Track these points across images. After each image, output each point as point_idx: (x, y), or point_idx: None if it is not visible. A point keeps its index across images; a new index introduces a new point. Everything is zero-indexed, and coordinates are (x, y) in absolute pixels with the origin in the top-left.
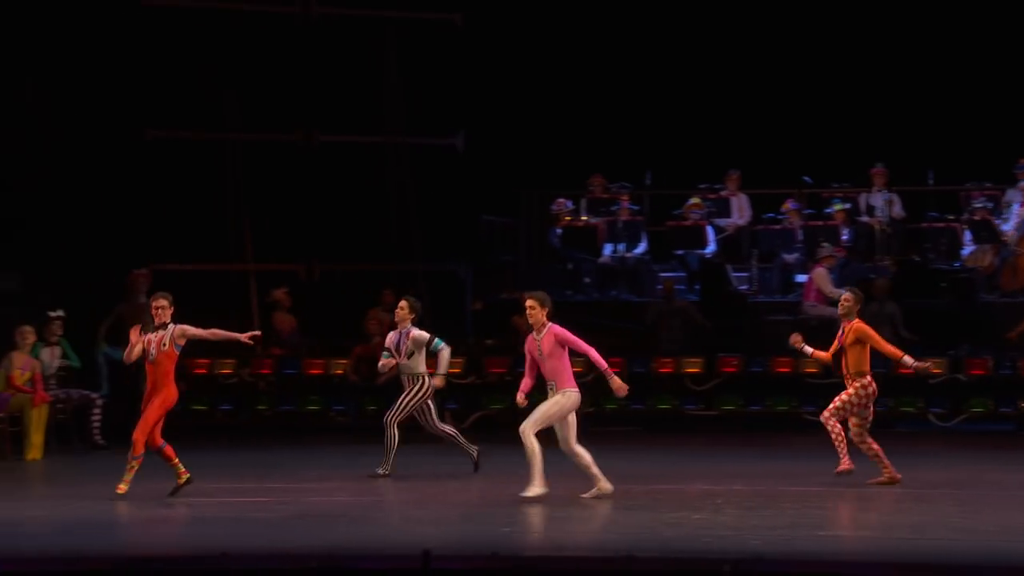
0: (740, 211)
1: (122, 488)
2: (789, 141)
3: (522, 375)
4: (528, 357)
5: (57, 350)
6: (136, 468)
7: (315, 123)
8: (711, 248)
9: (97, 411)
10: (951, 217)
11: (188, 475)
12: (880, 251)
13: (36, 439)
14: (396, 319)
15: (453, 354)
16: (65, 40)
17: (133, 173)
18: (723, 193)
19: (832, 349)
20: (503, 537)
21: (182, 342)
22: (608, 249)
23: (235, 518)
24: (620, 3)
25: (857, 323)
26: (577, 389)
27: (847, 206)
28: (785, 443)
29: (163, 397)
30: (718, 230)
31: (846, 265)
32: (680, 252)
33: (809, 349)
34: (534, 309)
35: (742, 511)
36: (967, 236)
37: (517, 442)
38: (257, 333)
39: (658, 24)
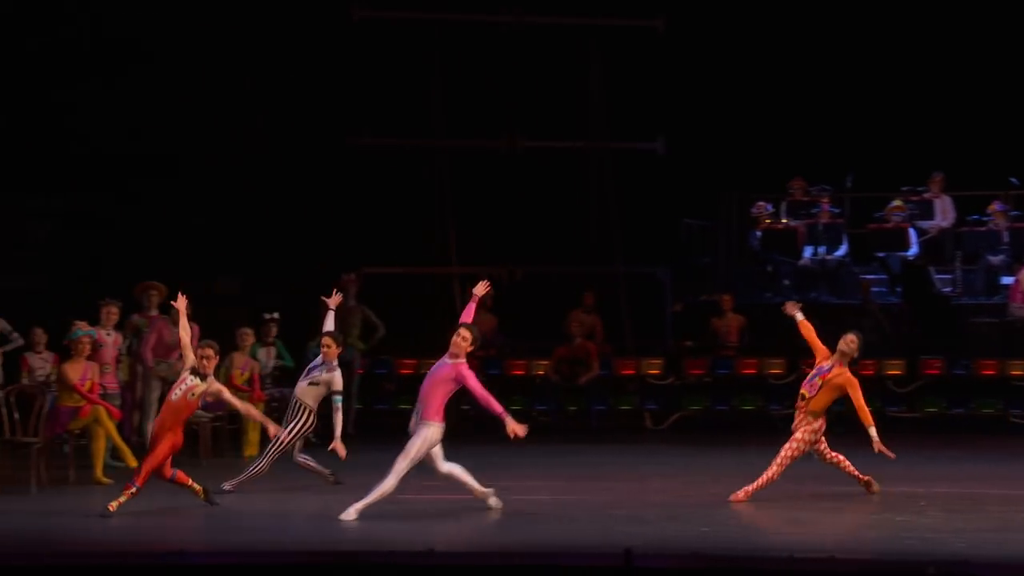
0: (944, 213)
1: (113, 506)
2: (995, 141)
3: (722, 376)
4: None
5: (272, 350)
6: (133, 496)
7: (519, 129)
8: (913, 250)
9: None
10: None
11: (201, 488)
12: None
13: (253, 437)
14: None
15: (652, 354)
16: (282, 52)
17: (345, 179)
18: (926, 195)
19: (816, 362)
20: (702, 537)
21: (210, 399)
22: (808, 251)
23: (441, 515)
24: (822, 4)
25: (849, 373)
26: (441, 424)
27: None
28: (989, 446)
29: (173, 442)
30: (921, 232)
31: None
32: (881, 254)
33: (800, 316)
34: (465, 341)
35: (946, 513)
36: None
37: (716, 443)
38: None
39: (861, 25)
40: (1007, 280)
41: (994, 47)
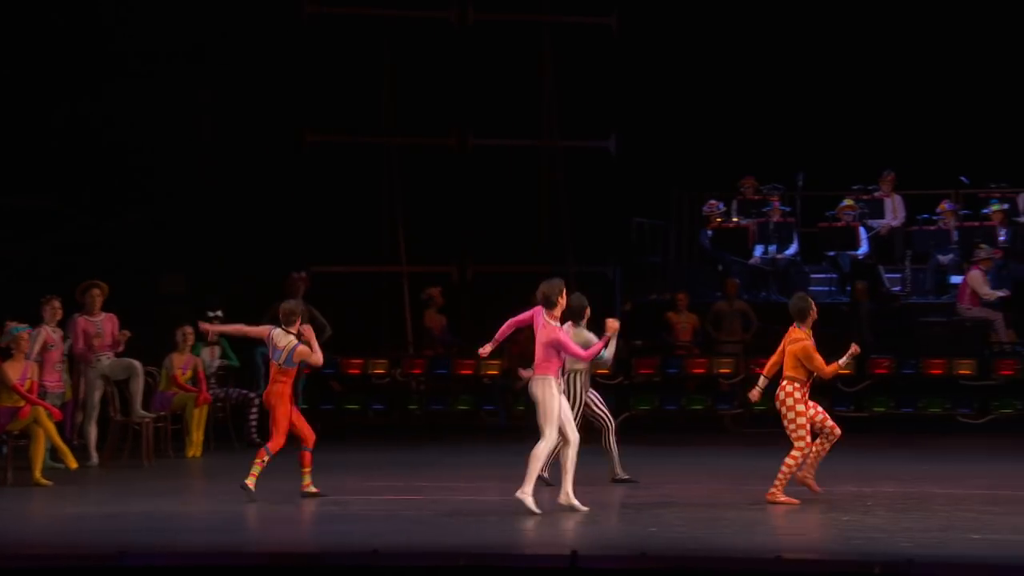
0: (894, 212)
1: (251, 483)
2: (945, 141)
3: (672, 376)
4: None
5: (217, 350)
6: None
7: (470, 127)
8: (863, 249)
9: (254, 410)
10: None
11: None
12: None
13: (196, 437)
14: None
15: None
16: (229, 48)
17: (292, 177)
18: (877, 194)
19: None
20: (650, 537)
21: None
22: (759, 250)
23: (386, 516)
24: (773, 4)
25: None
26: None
27: (1005, 206)
28: (937, 445)
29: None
30: (870, 231)
31: (1003, 266)
32: (832, 253)
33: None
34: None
35: (893, 513)
36: None
37: (665, 444)
38: None
39: (812, 24)
40: (956, 279)
41: (944, 47)
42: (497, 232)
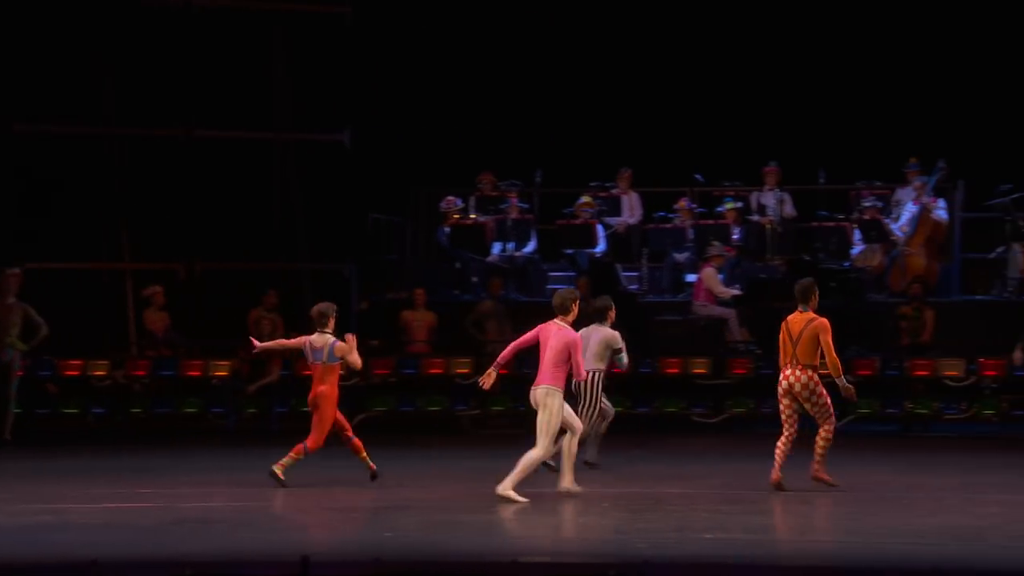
0: (631, 209)
1: (280, 472)
2: (681, 139)
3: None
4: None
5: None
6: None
7: (197, 118)
8: (601, 247)
9: None
10: (841, 216)
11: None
12: (771, 250)
13: None
14: None
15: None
16: None
17: (4, 168)
18: (614, 191)
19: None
20: (384, 542)
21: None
22: (497, 248)
23: (107, 524)
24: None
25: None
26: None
27: (739, 205)
28: (672, 445)
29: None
30: (608, 228)
31: (737, 264)
32: (569, 251)
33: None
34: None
35: (629, 514)
36: (857, 235)
37: (401, 445)
38: None
39: (547, 20)
40: (691, 278)
41: (677, 45)
42: (228, 228)
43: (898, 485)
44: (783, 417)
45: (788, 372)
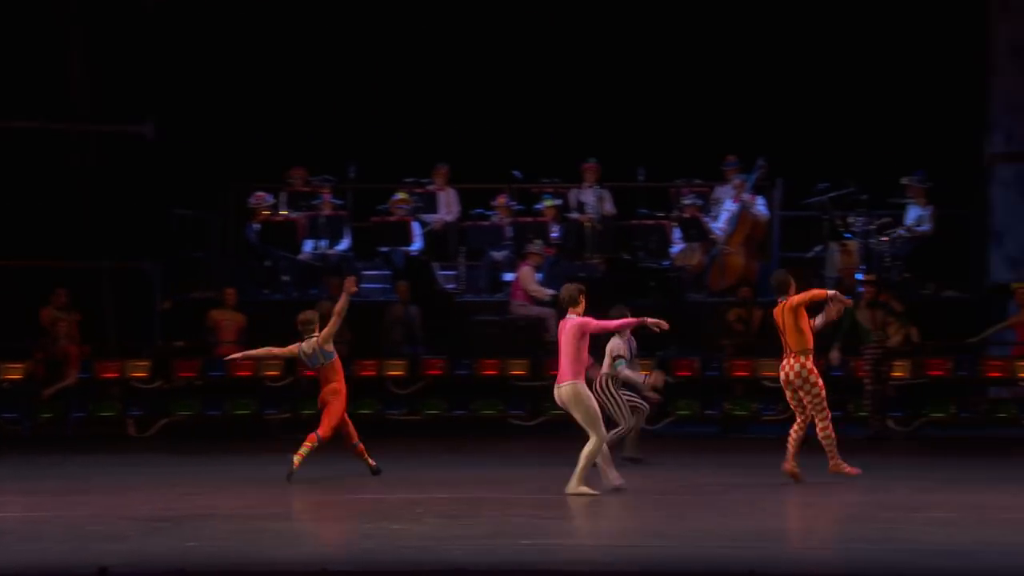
0: (448, 206)
1: (296, 463)
2: (499, 135)
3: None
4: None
5: None
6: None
7: None
8: (417, 245)
9: None
10: (661, 214)
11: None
12: (590, 249)
13: None
14: None
15: (137, 355)
16: None
17: None
18: (430, 188)
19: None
20: (188, 552)
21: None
22: (309, 246)
23: None
24: None
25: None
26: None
27: (557, 202)
28: (490, 448)
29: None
30: (424, 226)
31: (555, 263)
32: (384, 249)
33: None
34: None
35: (444, 520)
36: (676, 234)
37: (207, 451)
38: None
39: (363, 10)
40: (509, 277)
41: (495, 40)
42: (23, 223)
43: (716, 487)
44: (792, 405)
45: (784, 362)
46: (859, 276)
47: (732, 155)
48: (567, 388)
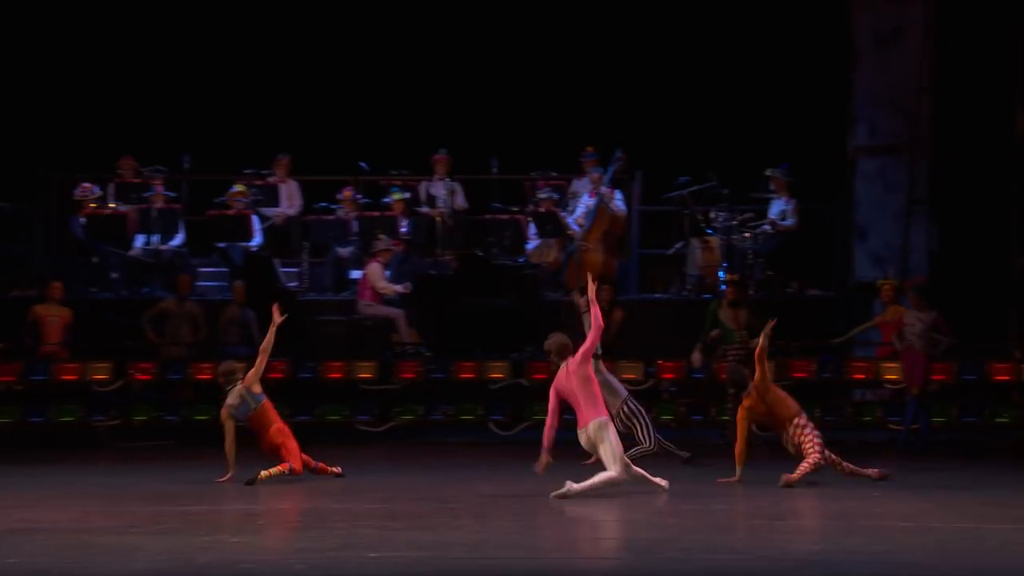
0: (290, 199)
1: (263, 475)
2: (345, 123)
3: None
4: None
5: None
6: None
7: None
8: (257, 240)
9: None
10: (515, 209)
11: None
12: (441, 244)
13: None
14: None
15: None
16: None
17: None
18: (271, 179)
19: None
20: (8, 569)
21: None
22: (140, 241)
23: None
24: None
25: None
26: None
27: (406, 195)
28: (337, 455)
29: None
30: (264, 220)
31: (405, 260)
32: (222, 244)
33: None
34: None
35: (287, 532)
36: (532, 229)
37: (28, 461)
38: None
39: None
40: (356, 274)
41: (337, 25)
42: None
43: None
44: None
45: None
46: (721, 274)
47: (590, 146)
48: (593, 425)
